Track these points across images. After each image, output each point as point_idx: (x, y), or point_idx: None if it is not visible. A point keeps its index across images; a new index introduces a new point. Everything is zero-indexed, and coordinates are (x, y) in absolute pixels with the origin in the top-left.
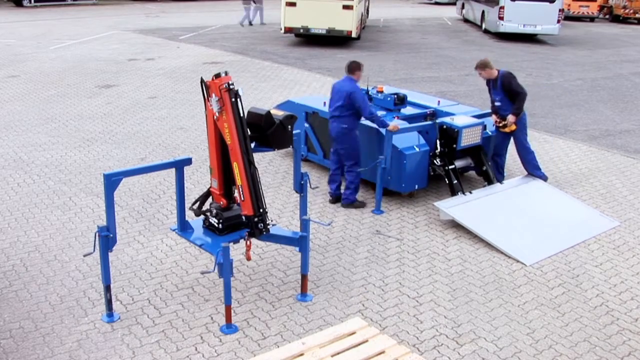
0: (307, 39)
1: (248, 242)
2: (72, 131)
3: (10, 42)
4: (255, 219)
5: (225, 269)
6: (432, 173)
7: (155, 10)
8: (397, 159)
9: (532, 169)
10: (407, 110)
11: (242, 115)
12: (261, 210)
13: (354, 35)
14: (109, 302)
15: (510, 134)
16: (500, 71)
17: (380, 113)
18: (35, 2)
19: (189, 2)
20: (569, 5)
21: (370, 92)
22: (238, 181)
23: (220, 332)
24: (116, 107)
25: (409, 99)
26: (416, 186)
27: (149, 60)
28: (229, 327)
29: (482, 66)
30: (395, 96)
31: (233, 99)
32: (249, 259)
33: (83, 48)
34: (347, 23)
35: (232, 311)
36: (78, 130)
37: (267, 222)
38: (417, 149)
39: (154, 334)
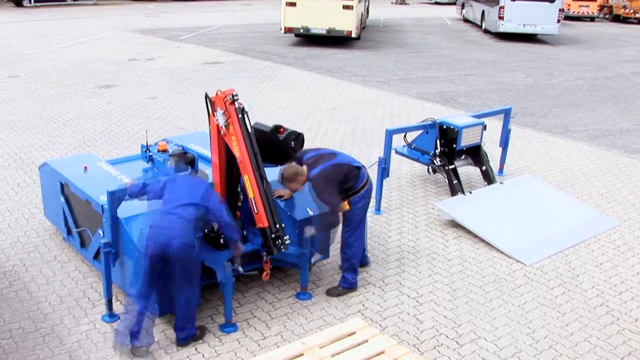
0: (307, 39)
1: (267, 263)
2: (72, 131)
3: (11, 42)
4: (272, 236)
5: (227, 286)
6: (431, 173)
7: (155, 10)
8: (129, 254)
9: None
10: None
11: (249, 127)
12: (277, 226)
13: (354, 35)
14: (109, 303)
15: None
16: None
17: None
18: (35, 2)
19: (189, 2)
20: (569, 5)
21: (151, 151)
22: (250, 194)
23: (220, 332)
24: (116, 107)
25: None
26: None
27: (149, 60)
28: (229, 327)
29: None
30: (174, 157)
31: (240, 114)
32: (266, 278)
33: (83, 48)
34: (347, 23)
35: (232, 311)
36: (78, 130)
37: (285, 239)
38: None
39: (154, 334)
